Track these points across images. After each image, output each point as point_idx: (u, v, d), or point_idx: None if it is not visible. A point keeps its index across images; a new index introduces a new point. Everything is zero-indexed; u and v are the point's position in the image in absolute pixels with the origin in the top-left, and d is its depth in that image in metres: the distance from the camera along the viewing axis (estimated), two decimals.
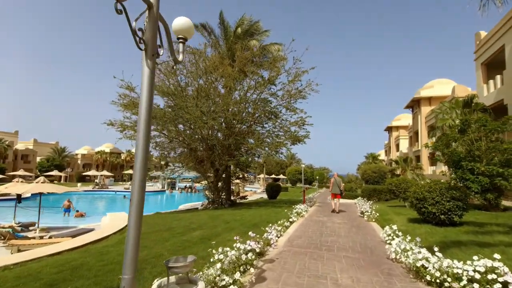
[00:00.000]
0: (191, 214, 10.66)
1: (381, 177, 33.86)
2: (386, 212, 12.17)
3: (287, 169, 69.85)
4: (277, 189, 26.90)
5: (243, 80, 14.93)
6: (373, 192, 18.98)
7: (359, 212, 11.79)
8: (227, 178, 17.75)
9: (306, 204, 13.41)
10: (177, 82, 12.83)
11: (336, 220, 10.13)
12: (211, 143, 13.53)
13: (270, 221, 8.90)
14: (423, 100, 34.03)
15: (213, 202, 15.50)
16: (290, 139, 14.09)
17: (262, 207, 14.86)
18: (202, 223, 8.37)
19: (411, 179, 14.99)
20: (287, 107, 14.12)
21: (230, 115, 13.18)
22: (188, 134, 13.37)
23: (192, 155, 15.58)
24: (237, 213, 11.35)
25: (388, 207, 15.16)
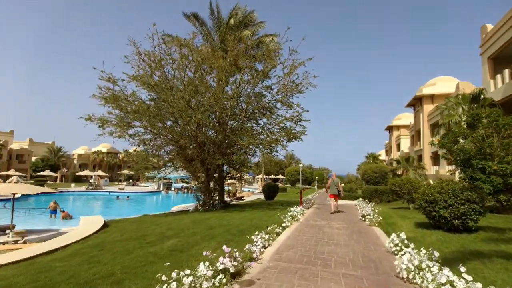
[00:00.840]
0: (175, 218, 9.65)
1: (382, 177, 32.86)
2: (389, 215, 11.15)
3: (286, 169, 68.73)
4: (275, 190, 25.89)
5: (235, 74, 13.91)
6: (375, 193, 17.97)
7: (360, 215, 10.77)
8: (220, 178, 16.72)
9: (303, 206, 12.39)
10: (163, 73, 11.77)
11: (335, 224, 9.11)
12: (200, 140, 12.49)
13: (260, 227, 7.88)
14: (425, 98, 33.02)
15: (204, 204, 14.47)
16: (285, 135, 13.06)
17: (255, 209, 13.83)
18: (182, 229, 7.36)
19: (414, 179, 13.97)
20: (281, 100, 13.11)
21: (221, 110, 12.17)
22: (176, 131, 12.32)
23: (181, 154, 14.55)
24: (226, 216, 10.33)
25: (391, 209, 14.13)
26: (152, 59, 11.45)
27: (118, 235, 6.76)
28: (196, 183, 14.76)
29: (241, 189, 39.20)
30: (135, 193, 39.79)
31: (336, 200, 12.33)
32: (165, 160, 14.60)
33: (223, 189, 17.22)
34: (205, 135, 12.46)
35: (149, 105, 11.33)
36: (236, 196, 30.54)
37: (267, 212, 12.28)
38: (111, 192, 38.56)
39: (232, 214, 11.38)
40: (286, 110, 13.40)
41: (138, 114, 11.10)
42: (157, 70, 11.82)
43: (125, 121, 11.60)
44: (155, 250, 5.14)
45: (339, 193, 12.08)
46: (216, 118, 13.34)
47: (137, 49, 11.15)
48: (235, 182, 34.22)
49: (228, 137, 12.30)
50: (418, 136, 35.84)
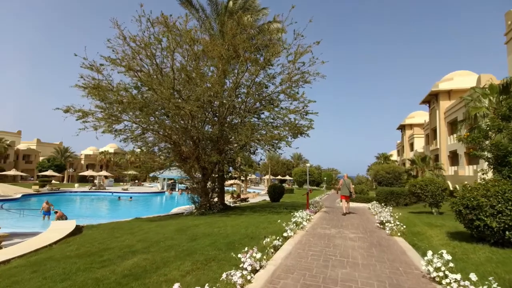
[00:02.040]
0: (158, 224, 8.26)
1: (396, 178, 30.79)
2: (412, 222, 9.51)
3: (293, 170, 66.98)
4: (280, 191, 24.36)
5: (235, 64, 12.47)
6: (390, 195, 16.23)
7: (377, 221, 9.16)
8: (220, 179, 15.32)
9: (310, 210, 10.84)
10: (151, 57, 10.33)
11: (348, 233, 7.56)
12: (193, 134, 11.08)
13: (255, 237, 6.41)
14: (442, 94, 30.94)
15: (200, 206, 13.07)
16: (290, 130, 11.55)
17: (257, 213, 12.36)
18: (158, 240, 5.98)
19: (439, 180, 12.23)
20: (285, 91, 11.59)
21: (219, 102, 10.73)
22: (166, 125, 10.92)
23: (176, 151, 13.21)
24: (220, 222, 8.90)
25: (411, 214, 12.45)
26: (139, 44, 10.12)
27: (74, 248, 5.45)
28: (191, 183, 13.39)
29: (246, 190, 37.76)
30: (138, 193, 38.85)
31: (347, 202, 12.09)
32: (159, 160, 13.26)
33: (223, 190, 15.81)
34: (198, 129, 11.07)
35: (135, 95, 9.99)
36: (240, 198, 29.12)
37: (268, 216, 10.79)
38: (114, 192, 37.71)
39: (228, 219, 9.94)
40: (291, 101, 11.90)
41: (123, 106, 9.81)
42: (145, 57, 10.48)
43: (109, 114, 10.32)
44: (103, 275, 3.76)
45: (350, 194, 11.90)
46: (212, 111, 11.94)
47: (121, 32, 9.87)
48: (239, 183, 32.80)
49: (224, 132, 10.88)
50: (434, 134, 33.69)
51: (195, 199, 13.44)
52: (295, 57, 11.33)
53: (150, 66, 10.61)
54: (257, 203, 24.05)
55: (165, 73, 10.47)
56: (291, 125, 11.44)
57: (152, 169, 13.01)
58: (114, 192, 37.68)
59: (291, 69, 11.63)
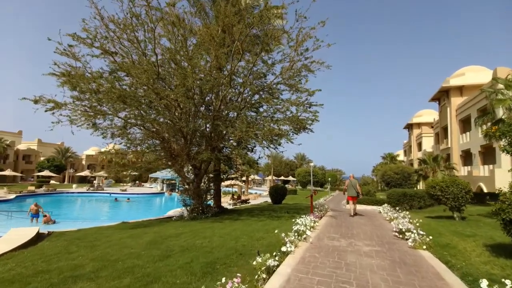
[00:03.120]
0: (131, 234, 6.89)
1: (405, 179, 29.29)
2: (435, 230, 8.08)
3: (296, 170, 65.50)
4: (282, 193, 22.96)
5: (230, 52, 11.13)
6: (403, 198, 14.76)
7: (395, 229, 7.75)
8: (215, 179, 14.01)
9: (314, 215, 9.46)
10: (134, 38, 8.99)
11: (362, 246, 6.18)
12: (183, 129, 9.73)
13: (247, 252, 5.08)
14: (453, 90, 29.33)
15: (193, 210, 11.76)
16: (291, 124, 10.19)
17: (254, 217, 11.02)
18: (119, 257, 4.68)
19: (462, 180, 10.76)
20: (286, 81, 10.23)
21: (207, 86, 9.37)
22: (149, 118, 9.57)
23: (166, 149, 11.94)
24: (209, 230, 7.57)
25: (429, 219, 11.02)
26: (118, 25, 8.83)
27: (7, 268, 4.18)
28: (183, 184, 12.11)
29: (248, 191, 36.41)
30: (137, 194, 37.76)
31: (354, 203, 11.81)
32: (147, 159, 12.01)
33: (219, 191, 14.49)
34: (189, 123, 9.75)
35: (112, 83, 8.64)
36: (241, 199, 27.81)
37: (267, 222, 9.44)
38: (112, 193, 36.62)
39: (220, 226, 8.62)
40: (292, 92, 10.53)
41: (100, 96, 8.54)
42: (127, 40, 9.17)
43: (85, 105, 9.07)
44: None
45: (357, 195, 11.74)
46: (205, 103, 10.61)
47: (98, 11, 8.57)
48: (239, 184, 31.48)
49: (217, 126, 9.57)
50: (445, 133, 32.06)
51: (187, 201, 12.14)
52: (296, 41, 9.97)
53: (132, 49, 9.29)
54: (258, 205, 22.70)
55: (149, 57, 9.15)
56: (293, 118, 10.07)
57: (138, 169, 11.75)
58: (111, 193, 36.60)
59: (292, 56, 10.27)
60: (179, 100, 8.61)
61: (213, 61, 10.45)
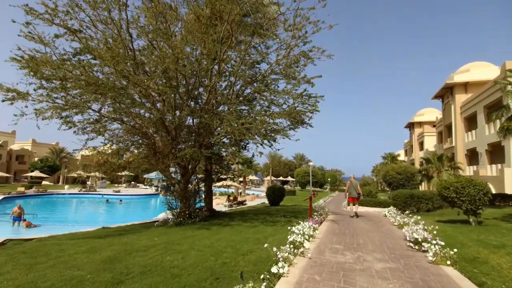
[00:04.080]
0: (92, 248, 5.61)
1: (408, 179, 28.18)
2: (455, 239, 6.95)
3: (295, 170, 64.36)
4: (280, 194, 21.79)
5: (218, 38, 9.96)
6: (410, 200, 13.62)
7: (408, 238, 6.61)
8: (206, 179, 12.86)
9: (314, 220, 8.30)
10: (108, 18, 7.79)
11: (373, 262, 5.05)
12: (161, 119, 8.51)
13: (226, 275, 3.94)
14: (458, 87, 28.26)
15: (179, 214, 10.60)
16: (288, 117, 9.04)
17: (247, 222, 9.87)
18: (58, 282, 3.54)
19: (480, 181, 9.63)
20: (282, 71, 9.10)
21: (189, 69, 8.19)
22: (121, 108, 8.32)
23: (149, 145, 10.78)
24: (187, 241, 6.42)
25: (442, 224, 9.88)
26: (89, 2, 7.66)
27: None
28: (168, 185, 10.96)
29: (245, 192, 35.26)
30: (131, 196, 36.57)
31: (354, 204, 11.87)
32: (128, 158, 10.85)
33: (210, 193, 13.32)
34: (173, 116, 8.57)
35: (78, 66, 7.44)
36: (237, 201, 26.65)
37: (260, 229, 8.29)
38: (104, 195, 35.40)
39: (203, 234, 7.47)
40: (288, 81, 9.35)
41: (66, 83, 7.37)
42: (100, 22, 7.99)
43: (50, 96, 7.89)
44: None
45: (358, 196, 11.73)
46: (191, 96, 9.43)
47: None
48: (236, 185, 30.32)
49: (203, 119, 8.39)
50: (449, 131, 31.00)
51: (173, 205, 10.98)
52: (294, 24, 8.82)
53: (105, 30, 8.08)
54: (254, 207, 21.58)
55: (122, 38, 7.96)
56: (290, 110, 8.92)
57: (116, 169, 10.61)
58: (104, 194, 35.38)
59: (288, 42, 9.13)
60: (158, 89, 7.44)
61: (200, 46, 9.24)
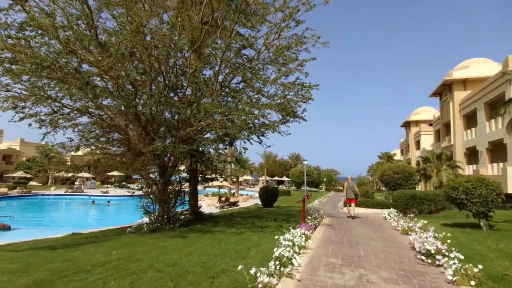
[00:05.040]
0: (27, 264, 4.56)
1: (406, 178, 27.29)
2: (471, 249, 5.91)
3: (290, 170, 63.38)
4: (274, 194, 20.69)
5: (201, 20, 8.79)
6: (412, 201, 12.62)
7: (418, 249, 5.55)
8: (191, 179, 11.72)
9: (307, 226, 7.22)
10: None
11: (381, 285, 3.96)
12: (131, 109, 7.32)
13: None
14: (456, 84, 27.47)
15: (156, 220, 9.43)
16: (277, 107, 7.93)
17: (232, 228, 8.75)
18: None
19: (493, 181, 8.64)
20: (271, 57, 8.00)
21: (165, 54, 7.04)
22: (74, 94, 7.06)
23: (123, 141, 9.61)
24: (152, 254, 5.29)
25: (446, 227, 8.88)
26: None
27: None
28: (145, 186, 9.80)
29: (238, 193, 34.11)
30: (120, 197, 35.13)
31: (350, 205, 11.98)
32: (91, 156, 9.69)
33: (195, 194, 12.17)
34: (146, 104, 7.40)
35: (22, 45, 6.20)
36: (229, 202, 25.48)
37: (244, 237, 7.18)
38: (91, 195, 33.99)
39: (175, 245, 6.34)
40: (279, 67, 8.21)
41: (6, 67, 6.14)
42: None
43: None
44: None
45: (356, 197, 11.93)
46: (169, 84, 8.25)
47: None
48: (229, 185, 29.16)
49: (174, 108, 7.21)
50: (447, 130, 30.22)
51: (150, 208, 9.80)
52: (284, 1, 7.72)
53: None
54: (246, 208, 20.46)
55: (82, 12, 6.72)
56: (279, 98, 7.81)
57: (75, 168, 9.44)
58: (91, 196, 33.97)
59: (278, 23, 8.01)
60: (125, 73, 6.24)
61: (179, 27, 8.04)
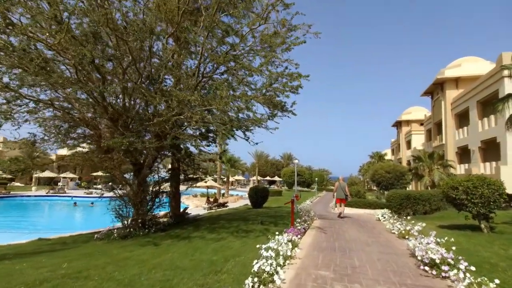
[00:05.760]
0: None
1: (397, 178, 26.96)
2: (478, 256, 5.25)
3: (282, 170, 62.78)
4: (264, 195, 19.93)
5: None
6: (406, 201, 12.03)
7: (420, 257, 4.84)
8: (173, 179, 10.84)
9: (295, 230, 6.46)
10: None
11: None
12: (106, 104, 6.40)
13: None
14: (448, 82, 27.28)
15: (129, 225, 8.52)
16: (262, 99, 7.16)
17: (213, 233, 7.92)
18: None
19: (495, 180, 8.07)
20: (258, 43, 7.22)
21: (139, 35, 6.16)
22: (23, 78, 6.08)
23: (93, 137, 8.66)
24: (109, 268, 4.46)
25: (445, 229, 8.28)
26: None
27: None
28: (116, 187, 8.88)
29: (228, 193, 33.22)
30: (104, 198, 33.67)
31: (341, 205, 12.08)
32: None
33: (177, 196, 11.30)
34: (114, 92, 6.48)
35: None
36: (218, 203, 24.57)
37: (225, 244, 6.37)
38: (74, 197, 32.53)
39: (141, 257, 5.48)
40: (265, 53, 7.42)
41: None
42: None
43: None
44: None
45: (346, 197, 11.91)
46: (137, 67, 7.27)
47: None
48: (218, 185, 28.25)
49: (139, 94, 6.33)
50: (438, 129, 30.03)
51: (123, 212, 8.88)
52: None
53: None
54: (235, 209, 19.63)
55: None
56: (264, 86, 7.01)
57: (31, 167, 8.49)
58: (73, 197, 32.51)
59: (265, 4, 7.23)
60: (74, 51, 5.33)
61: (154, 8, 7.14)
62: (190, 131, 8.71)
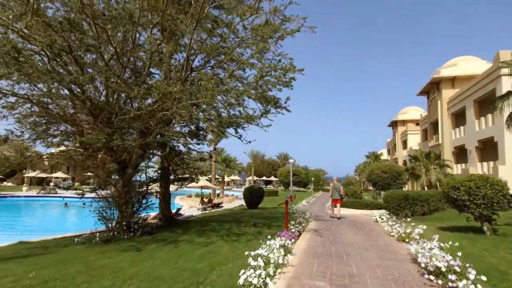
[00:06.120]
0: None
1: (394, 178, 26.65)
2: (485, 262, 4.87)
3: (278, 170, 62.41)
4: (259, 195, 19.49)
5: None
6: (404, 202, 11.66)
7: (423, 264, 4.42)
8: (162, 179, 10.35)
9: (289, 234, 6.01)
10: None
11: None
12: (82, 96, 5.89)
13: None
14: (444, 82, 27.09)
15: (112, 228, 8.01)
16: (253, 94, 6.73)
17: (202, 237, 7.46)
18: None
19: (498, 180, 7.72)
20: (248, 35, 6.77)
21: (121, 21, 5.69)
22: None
23: (76, 134, 8.15)
24: (80, 278, 4.01)
25: (445, 232, 7.91)
26: None
27: None
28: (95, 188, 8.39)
29: (223, 194, 32.69)
30: (96, 198, 32.96)
31: (336, 206, 11.82)
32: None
33: (167, 196, 10.80)
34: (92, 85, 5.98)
35: None
36: (212, 203, 24.05)
37: (213, 249, 5.92)
38: (65, 197, 31.77)
39: (119, 264, 5.02)
40: (255, 43, 6.98)
41: None
42: None
43: None
44: None
45: (341, 197, 11.82)
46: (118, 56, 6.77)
47: None
48: (212, 186, 27.74)
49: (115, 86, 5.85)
50: (434, 128, 29.87)
51: (107, 214, 8.37)
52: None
53: None
54: (230, 210, 19.15)
55: None
56: (255, 79, 6.57)
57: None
58: (65, 197, 31.75)
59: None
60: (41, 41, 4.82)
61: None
62: (178, 128, 8.23)
